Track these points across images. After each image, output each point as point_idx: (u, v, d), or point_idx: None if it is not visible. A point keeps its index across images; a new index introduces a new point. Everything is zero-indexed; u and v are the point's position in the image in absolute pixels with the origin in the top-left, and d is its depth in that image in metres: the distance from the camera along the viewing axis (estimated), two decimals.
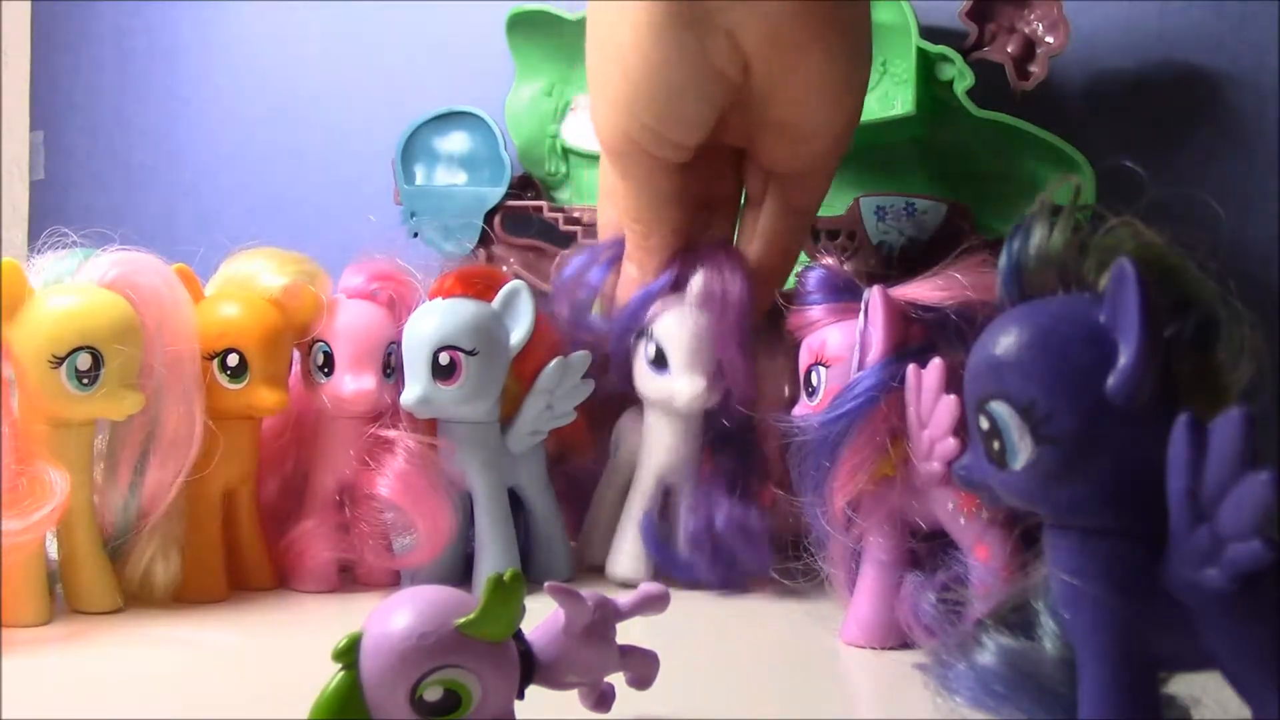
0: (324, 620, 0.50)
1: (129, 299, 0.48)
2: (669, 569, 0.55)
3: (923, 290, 0.45)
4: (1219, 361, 0.29)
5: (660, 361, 0.54)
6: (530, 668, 0.31)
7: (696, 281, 0.54)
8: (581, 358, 0.55)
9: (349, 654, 0.29)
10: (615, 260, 0.58)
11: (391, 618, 0.29)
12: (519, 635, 0.31)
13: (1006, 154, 0.64)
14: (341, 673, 0.29)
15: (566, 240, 0.70)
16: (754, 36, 0.47)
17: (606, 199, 0.58)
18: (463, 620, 0.28)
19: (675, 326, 0.54)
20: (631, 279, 0.56)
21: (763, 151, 0.54)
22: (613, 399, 0.59)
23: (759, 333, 0.55)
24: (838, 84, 0.50)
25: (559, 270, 0.60)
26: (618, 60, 0.49)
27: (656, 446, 0.56)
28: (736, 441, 0.55)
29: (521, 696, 0.31)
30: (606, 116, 0.51)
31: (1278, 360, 0.30)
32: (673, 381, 0.54)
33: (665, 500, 0.56)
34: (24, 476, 0.46)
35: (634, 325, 0.56)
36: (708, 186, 0.57)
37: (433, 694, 0.28)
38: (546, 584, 0.32)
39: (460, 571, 0.55)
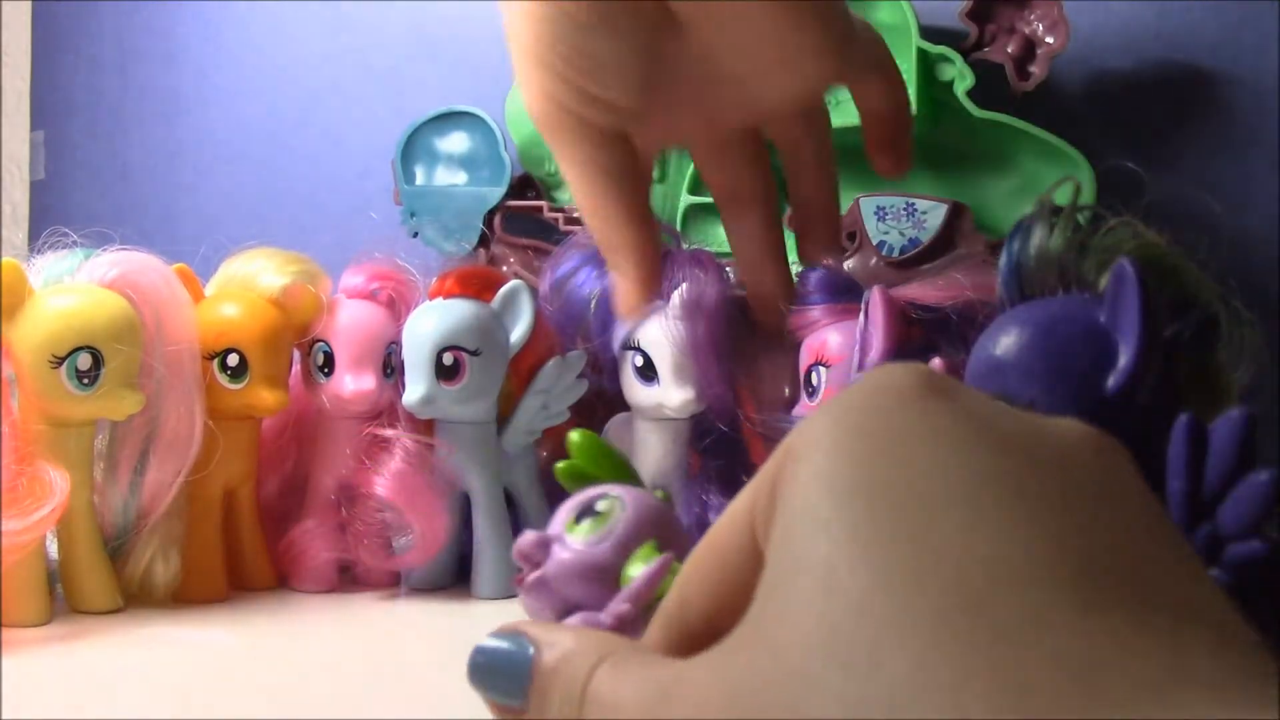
0: (324, 620, 0.50)
1: (129, 299, 0.48)
2: None
3: (923, 290, 0.45)
4: (1219, 361, 0.29)
5: (648, 372, 0.55)
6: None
7: (679, 292, 0.54)
8: (577, 357, 0.55)
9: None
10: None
11: None
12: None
13: (1006, 154, 0.64)
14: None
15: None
16: None
17: None
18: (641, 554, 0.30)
19: (661, 338, 0.54)
20: (618, 285, 0.49)
21: (760, 103, 0.48)
22: (599, 399, 0.59)
23: (757, 335, 0.55)
24: (784, 24, 0.43)
25: (552, 268, 0.60)
26: (527, 10, 0.43)
27: (648, 453, 0.56)
28: (723, 442, 0.56)
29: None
30: (527, 78, 0.45)
31: (1278, 360, 0.30)
32: (662, 392, 0.54)
33: None
34: (24, 476, 0.46)
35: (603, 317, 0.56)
36: (729, 181, 0.52)
37: (603, 505, 0.30)
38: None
39: (456, 572, 0.55)
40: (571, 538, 0.30)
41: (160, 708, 0.38)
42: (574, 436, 0.33)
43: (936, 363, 0.41)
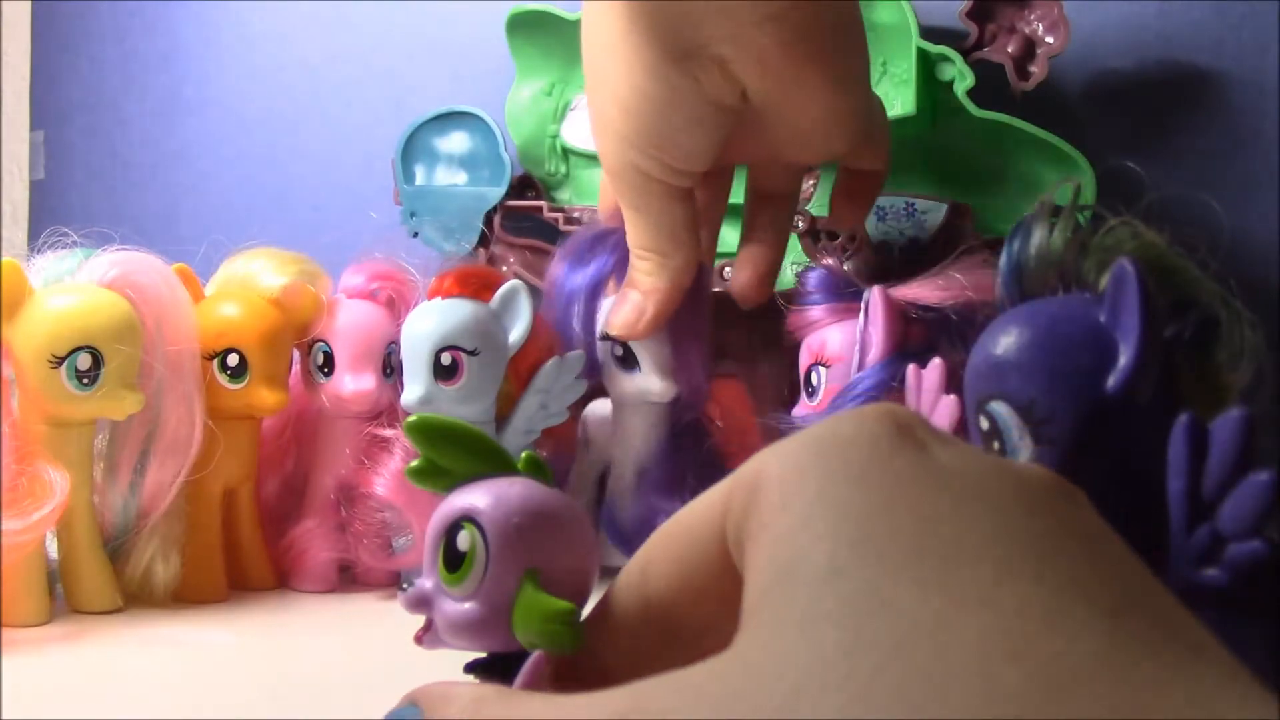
0: (324, 620, 0.50)
1: (129, 299, 0.48)
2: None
3: (923, 290, 0.45)
4: (1219, 361, 0.29)
5: (628, 361, 0.55)
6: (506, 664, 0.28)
7: None
8: (576, 357, 0.55)
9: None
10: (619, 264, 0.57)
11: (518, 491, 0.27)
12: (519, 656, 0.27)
13: (1006, 154, 0.64)
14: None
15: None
16: (745, 66, 0.46)
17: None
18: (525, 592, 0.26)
19: None
20: (626, 307, 0.53)
21: (780, 160, 0.54)
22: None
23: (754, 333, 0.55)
24: (840, 107, 0.49)
25: (549, 270, 0.59)
26: (614, 97, 0.48)
27: (632, 438, 0.56)
28: (693, 423, 0.56)
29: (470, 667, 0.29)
30: (611, 148, 0.50)
31: (1278, 360, 0.30)
32: (644, 379, 0.55)
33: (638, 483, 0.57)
34: (24, 476, 0.46)
35: (588, 311, 0.56)
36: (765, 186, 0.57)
37: (464, 540, 0.27)
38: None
39: None
40: (448, 588, 0.27)
41: (160, 708, 0.38)
42: (409, 426, 0.28)
43: (936, 363, 0.42)
